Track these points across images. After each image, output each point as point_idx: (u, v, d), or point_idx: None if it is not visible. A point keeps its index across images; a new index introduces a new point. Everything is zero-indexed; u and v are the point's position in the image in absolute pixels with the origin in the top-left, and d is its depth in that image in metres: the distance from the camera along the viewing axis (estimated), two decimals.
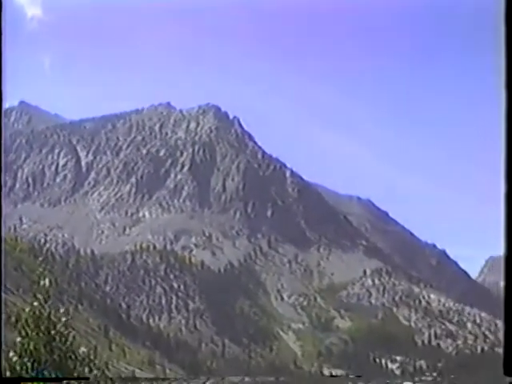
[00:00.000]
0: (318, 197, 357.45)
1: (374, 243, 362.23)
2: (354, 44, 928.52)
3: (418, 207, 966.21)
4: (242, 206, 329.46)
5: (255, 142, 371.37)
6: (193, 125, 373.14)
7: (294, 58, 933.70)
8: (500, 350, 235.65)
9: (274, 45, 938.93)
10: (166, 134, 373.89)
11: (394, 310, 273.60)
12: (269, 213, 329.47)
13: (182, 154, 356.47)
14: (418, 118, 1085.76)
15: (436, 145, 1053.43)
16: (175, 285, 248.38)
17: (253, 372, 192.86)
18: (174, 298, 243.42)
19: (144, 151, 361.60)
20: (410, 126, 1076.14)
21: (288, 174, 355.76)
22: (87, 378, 14.28)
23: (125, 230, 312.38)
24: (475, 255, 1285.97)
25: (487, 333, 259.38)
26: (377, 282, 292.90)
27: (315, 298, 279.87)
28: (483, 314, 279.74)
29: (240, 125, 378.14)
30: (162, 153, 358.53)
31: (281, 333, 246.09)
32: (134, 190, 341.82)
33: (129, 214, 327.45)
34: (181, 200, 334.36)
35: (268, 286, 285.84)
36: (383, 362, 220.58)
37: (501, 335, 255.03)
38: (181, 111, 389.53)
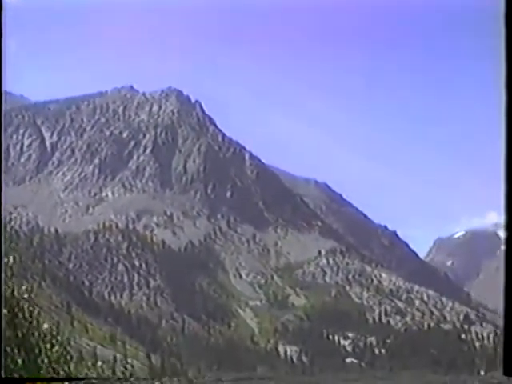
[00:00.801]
0: (276, 179, 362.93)
1: (329, 224, 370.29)
2: (314, 31, 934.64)
3: (371, 190, 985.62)
4: (202, 187, 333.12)
5: (216, 126, 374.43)
6: (155, 108, 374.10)
7: (256, 45, 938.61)
8: (445, 326, 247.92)
9: (236, 32, 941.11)
10: (129, 116, 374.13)
11: (347, 288, 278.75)
12: (228, 194, 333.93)
13: (144, 136, 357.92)
14: (373, 104, 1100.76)
15: (390, 130, 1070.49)
16: (137, 263, 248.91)
17: (211, 348, 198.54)
18: (136, 275, 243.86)
19: (107, 133, 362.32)
20: (366, 112, 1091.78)
21: (247, 156, 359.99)
22: (86, 378, 14.69)
23: (88, 209, 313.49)
24: (424, 236, 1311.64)
25: (433, 310, 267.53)
26: (331, 261, 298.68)
27: (272, 277, 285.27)
28: (430, 292, 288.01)
29: (201, 108, 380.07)
30: (125, 134, 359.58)
31: (239, 310, 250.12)
32: (97, 170, 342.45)
33: (92, 194, 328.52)
34: (143, 181, 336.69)
35: (227, 264, 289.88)
36: (336, 338, 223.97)
37: (446, 311, 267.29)
38: (144, 94, 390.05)
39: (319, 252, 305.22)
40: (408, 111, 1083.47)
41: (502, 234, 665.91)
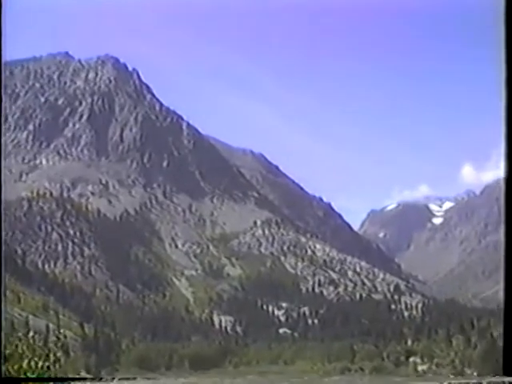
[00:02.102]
0: (213, 149, 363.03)
1: (265, 195, 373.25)
2: (259, 8, 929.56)
3: (307, 162, 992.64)
4: (138, 156, 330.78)
5: (153, 95, 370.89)
6: (91, 75, 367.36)
7: (195, 16, 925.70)
8: (376, 297, 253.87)
9: (174, 3, 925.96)
10: (65, 83, 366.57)
11: (282, 258, 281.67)
12: (165, 163, 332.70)
13: (80, 103, 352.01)
14: (312, 76, 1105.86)
15: (326, 103, 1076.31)
16: (71, 231, 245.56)
17: (146, 317, 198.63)
18: (70, 244, 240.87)
19: (42, 99, 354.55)
20: (305, 84, 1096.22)
21: (184, 126, 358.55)
22: (86, 379, 15.80)
23: (21, 176, 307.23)
24: (357, 208, 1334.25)
25: (365, 280, 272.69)
26: (266, 232, 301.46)
27: (208, 247, 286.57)
28: (363, 263, 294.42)
29: (139, 77, 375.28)
30: (60, 101, 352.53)
31: (174, 279, 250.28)
32: (31, 137, 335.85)
33: (26, 161, 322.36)
34: (78, 149, 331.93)
35: (162, 233, 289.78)
36: (270, 308, 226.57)
37: (377, 282, 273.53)
38: (79, 61, 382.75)
39: (255, 222, 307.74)
40: (345, 85, 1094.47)
41: (432, 206, 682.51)
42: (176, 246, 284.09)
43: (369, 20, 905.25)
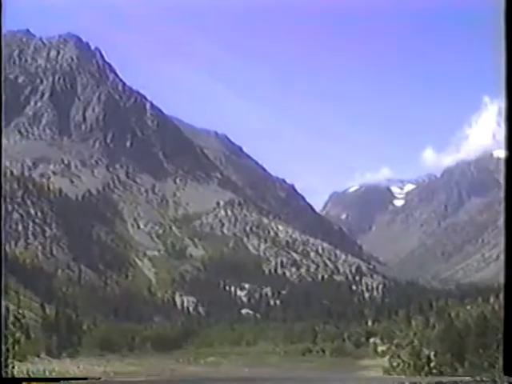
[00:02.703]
0: (177, 130, 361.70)
1: (228, 176, 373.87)
2: None
3: (270, 143, 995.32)
4: (101, 136, 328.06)
5: (116, 74, 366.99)
6: (53, 53, 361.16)
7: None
8: (338, 278, 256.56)
9: None
10: (26, 60, 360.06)
11: (245, 239, 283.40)
12: (128, 143, 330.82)
13: (42, 81, 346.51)
14: (277, 58, 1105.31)
15: (291, 85, 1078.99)
16: (32, 211, 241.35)
17: (108, 298, 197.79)
18: (31, 224, 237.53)
19: (2, 77, 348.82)
20: (270, 66, 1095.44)
21: (148, 106, 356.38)
22: (86, 378, 15.10)
23: None
24: (320, 190, 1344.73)
25: (327, 262, 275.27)
26: (229, 213, 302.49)
27: (170, 227, 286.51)
28: (325, 245, 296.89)
29: (101, 56, 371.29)
30: (21, 79, 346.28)
31: (136, 260, 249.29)
32: None
33: None
34: (40, 128, 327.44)
35: (125, 214, 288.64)
36: (232, 289, 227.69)
37: (339, 263, 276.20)
38: (41, 39, 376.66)
39: (218, 203, 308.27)
40: (309, 66, 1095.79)
41: (393, 188, 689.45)
42: (138, 227, 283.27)
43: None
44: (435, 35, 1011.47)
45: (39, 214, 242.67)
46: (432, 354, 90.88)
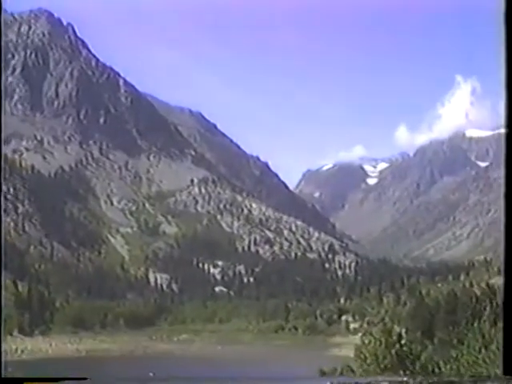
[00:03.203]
0: (151, 107, 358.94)
1: (202, 153, 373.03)
2: None
3: (244, 121, 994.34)
4: (74, 112, 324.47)
5: (89, 50, 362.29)
6: (24, 28, 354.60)
7: None
8: (311, 256, 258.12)
9: None
10: None
11: (218, 217, 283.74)
12: (101, 120, 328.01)
13: (13, 56, 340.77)
14: (249, 36, 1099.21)
15: (264, 64, 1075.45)
16: (4, 188, 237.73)
17: (81, 275, 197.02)
18: (3, 200, 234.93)
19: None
20: (243, 45, 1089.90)
21: (121, 82, 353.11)
22: (85, 378, 14.15)
23: None
24: (294, 168, 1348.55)
25: (301, 240, 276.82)
26: (203, 190, 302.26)
27: (144, 204, 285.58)
28: (298, 223, 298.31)
29: (74, 32, 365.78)
30: None
31: (109, 237, 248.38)
32: None
33: None
34: (12, 103, 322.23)
35: (98, 191, 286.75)
36: (206, 266, 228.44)
37: (312, 241, 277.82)
38: (12, 14, 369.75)
39: (191, 181, 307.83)
40: (283, 45, 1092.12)
41: (366, 167, 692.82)
42: (112, 204, 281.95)
43: None
44: (409, 14, 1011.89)
45: (11, 190, 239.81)
46: (403, 331, 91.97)
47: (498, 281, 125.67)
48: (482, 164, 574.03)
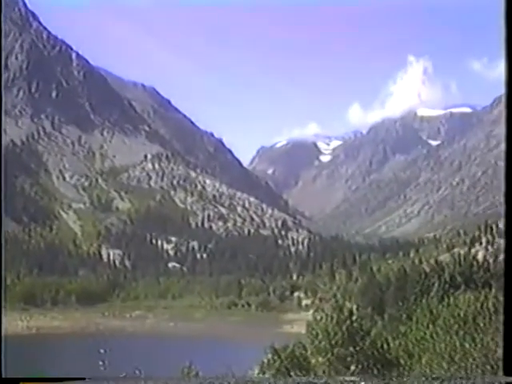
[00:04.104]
0: (104, 81, 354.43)
1: (156, 129, 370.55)
2: None
3: (199, 97, 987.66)
4: (25, 86, 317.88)
5: (40, 23, 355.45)
6: None
7: None
8: (264, 232, 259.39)
9: None
10: None
11: (172, 193, 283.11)
12: (53, 94, 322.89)
13: None
14: (206, 13, 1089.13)
15: (219, 40, 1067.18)
16: None
17: (32, 251, 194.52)
18: None
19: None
20: (199, 21, 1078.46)
21: (74, 56, 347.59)
22: (84, 378, 14.01)
23: None
24: (248, 145, 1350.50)
25: (254, 216, 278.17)
26: (156, 166, 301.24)
27: (97, 180, 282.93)
28: (252, 199, 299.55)
29: (24, 4, 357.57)
30: None
31: (61, 212, 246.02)
32: None
33: None
34: None
35: (50, 166, 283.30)
36: (159, 242, 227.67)
37: (266, 218, 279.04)
38: None
39: (145, 156, 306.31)
40: (238, 21, 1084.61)
41: (320, 144, 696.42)
42: (64, 179, 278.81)
43: None
44: None
45: None
46: (354, 307, 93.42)
47: (447, 258, 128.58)
48: (434, 143, 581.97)
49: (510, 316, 11.60)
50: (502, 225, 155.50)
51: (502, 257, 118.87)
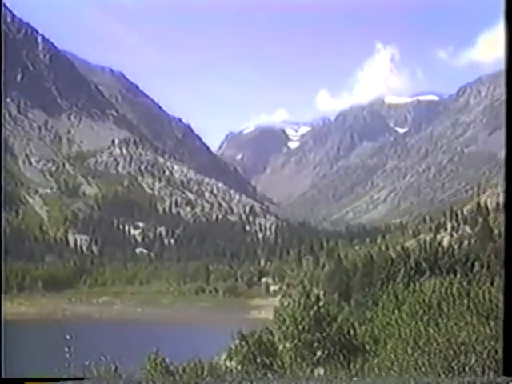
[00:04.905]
0: (71, 65, 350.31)
1: (124, 114, 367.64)
2: None
3: (167, 82, 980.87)
4: None
5: (5, 5, 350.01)
6: None
7: None
8: (232, 218, 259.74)
9: None
10: None
11: (139, 178, 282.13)
12: (19, 77, 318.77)
13: None
14: None
15: (188, 24, 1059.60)
16: None
17: None
18: None
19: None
20: (168, 4, 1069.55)
21: (40, 39, 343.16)
22: (85, 378, 14.26)
23: None
24: (216, 130, 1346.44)
25: (222, 202, 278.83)
26: (124, 151, 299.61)
27: (64, 165, 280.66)
28: (220, 185, 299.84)
29: None
30: None
31: (28, 197, 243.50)
32: None
33: None
34: None
35: (16, 150, 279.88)
36: (126, 228, 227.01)
37: (233, 204, 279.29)
38: None
39: (112, 141, 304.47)
40: (208, 7, 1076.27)
41: (288, 131, 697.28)
42: (30, 163, 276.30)
43: None
44: None
45: None
46: (321, 293, 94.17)
47: (413, 244, 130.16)
48: (401, 130, 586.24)
49: (510, 316, 11.52)
50: (466, 211, 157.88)
51: (466, 243, 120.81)
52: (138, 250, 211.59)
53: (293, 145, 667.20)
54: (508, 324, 11.51)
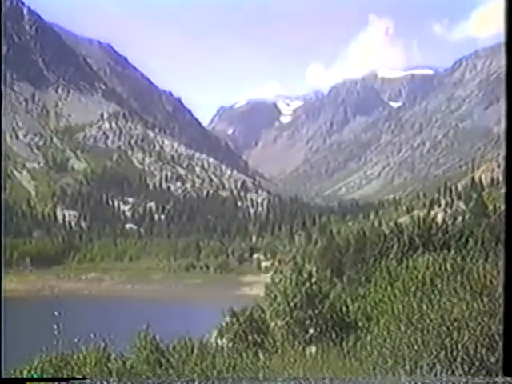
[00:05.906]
0: (58, 37, 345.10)
1: (113, 87, 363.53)
2: None
3: (157, 55, 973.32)
4: None
5: None
6: None
7: None
8: (223, 193, 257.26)
9: None
10: None
11: (129, 153, 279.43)
12: (4, 49, 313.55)
13: None
14: None
15: None
16: None
17: None
18: None
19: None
20: None
21: (25, 11, 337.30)
22: (85, 378, 13.98)
23: None
24: (207, 104, 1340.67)
25: (213, 177, 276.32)
26: (113, 125, 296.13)
27: (51, 139, 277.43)
28: (211, 160, 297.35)
29: None
30: None
31: (15, 172, 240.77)
32: None
33: None
34: None
35: (2, 124, 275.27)
36: (116, 203, 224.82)
37: (225, 179, 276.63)
38: None
39: (101, 115, 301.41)
40: None
41: (280, 105, 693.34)
42: (17, 137, 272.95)
43: None
44: None
45: None
46: (314, 269, 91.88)
47: (406, 220, 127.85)
48: (395, 104, 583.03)
49: (510, 316, 11.08)
50: (461, 187, 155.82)
51: (460, 219, 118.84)
52: (127, 226, 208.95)
53: (285, 119, 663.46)
54: (508, 324, 11.27)
